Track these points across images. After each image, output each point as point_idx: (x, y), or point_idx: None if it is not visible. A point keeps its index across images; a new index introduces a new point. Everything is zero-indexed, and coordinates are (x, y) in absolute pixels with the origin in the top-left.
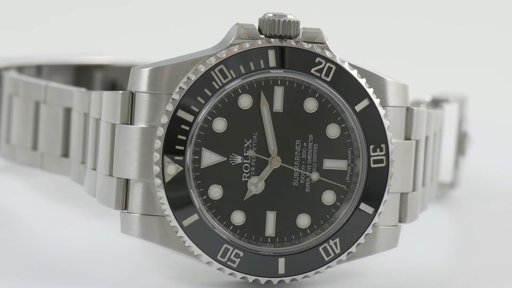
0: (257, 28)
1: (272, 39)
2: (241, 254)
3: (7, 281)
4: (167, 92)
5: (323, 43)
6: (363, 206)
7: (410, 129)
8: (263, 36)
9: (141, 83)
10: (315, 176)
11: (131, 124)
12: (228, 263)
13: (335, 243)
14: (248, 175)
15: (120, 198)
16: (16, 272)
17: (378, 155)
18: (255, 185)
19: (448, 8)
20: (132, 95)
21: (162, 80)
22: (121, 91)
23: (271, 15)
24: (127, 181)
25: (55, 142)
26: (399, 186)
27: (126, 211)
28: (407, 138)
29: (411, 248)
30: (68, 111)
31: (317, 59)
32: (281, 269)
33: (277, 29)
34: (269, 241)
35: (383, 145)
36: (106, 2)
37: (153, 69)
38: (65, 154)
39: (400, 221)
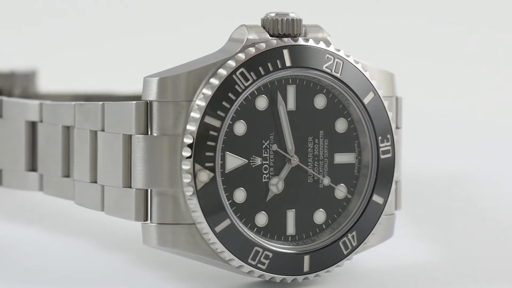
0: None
1: (285, 39)
2: (270, 255)
3: None
4: (186, 99)
5: (326, 39)
6: (376, 198)
7: (400, 118)
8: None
9: (158, 91)
10: (326, 181)
11: (149, 134)
12: (258, 265)
13: (353, 236)
14: (268, 175)
15: (141, 209)
16: None
17: (385, 146)
18: (276, 186)
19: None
20: (148, 105)
21: (180, 87)
22: (134, 102)
23: (273, 14)
24: (146, 191)
25: (16, 157)
26: (396, 174)
27: (149, 222)
28: (398, 127)
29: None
30: (32, 125)
31: (327, 56)
32: (306, 267)
33: (282, 28)
34: (290, 239)
35: (389, 136)
36: None
37: (169, 77)
38: (32, 168)
39: (395, 209)
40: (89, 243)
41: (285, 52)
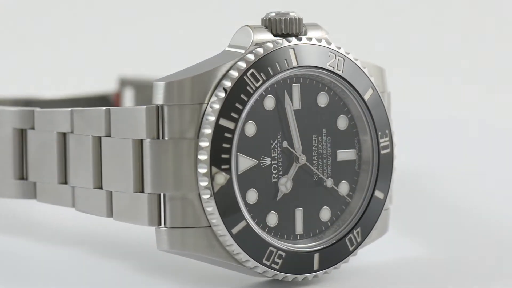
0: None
1: (290, 38)
2: (283, 255)
3: None
4: (198, 102)
5: (326, 37)
6: (377, 193)
7: (389, 113)
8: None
9: (168, 96)
10: (329, 183)
11: (161, 138)
12: (272, 265)
13: (358, 232)
14: (277, 175)
15: (154, 214)
16: None
17: (384, 141)
18: (285, 185)
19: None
20: (159, 109)
21: (191, 90)
22: (145, 106)
23: (273, 14)
24: (159, 196)
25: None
26: None
27: (162, 226)
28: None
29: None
30: (21, 132)
31: (329, 54)
32: (316, 265)
33: (285, 27)
34: (298, 238)
35: (387, 131)
36: None
37: (179, 81)
38: (21, 177)
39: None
40: (88, 251)
41: (291, 52)
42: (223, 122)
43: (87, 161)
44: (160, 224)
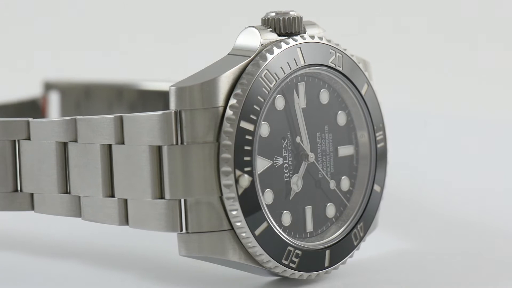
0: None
1: (295, 37)
2: (300, 253)
3: None
4: (216, 105)
5: (324, 34)
6: (375, 187)
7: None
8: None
9: (186, 100)
10: (332, 184)
11: (179, 143)
12: (290, 264)
13: (361, 227)
14: (288, 174)
15: (176, 219)
16: None
17: (380, 135)
18: (296, 184)
19: None
20: (176, 114)
21: (208, 94)
22: (161, 112)
23: (273, 14)
24: (179, 201)
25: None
26: None
27: (184, 232)
28: None
29: None
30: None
31: (330, 51)
32: (327, 261)
33: (289, 27)
34: (308, 236)
35: (381, 125)
36: None
37: (196, 85)
38: (16, 189)
39: None
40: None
41: (298, 51)
42: (244, 124)
43: (96, 170)
44: (181, 229)
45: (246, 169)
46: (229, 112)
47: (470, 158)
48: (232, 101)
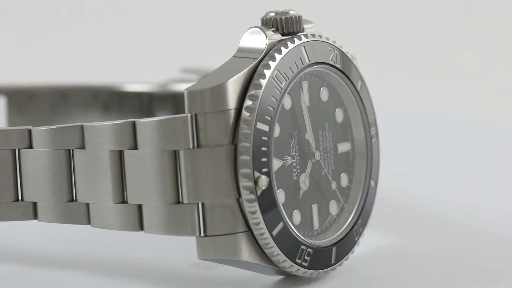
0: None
1: (299, 35)
2: (311, 252)
3: None
4: (231, 107)
5: (321, 32)
6: (371, 182)
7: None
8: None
9: (203, 103)
10: (334, 185)
11: (196, 147)
12: (303, 263)
13: (360, 223)
14: (296, 173)
15: (196, 223)
16: None
17: (373, 130)
18: (304, 182)
19: None
20: (192, 117)
21: (223, 96)
22: (177, 116)
23: (273, 14)
24: (197, 205)
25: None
26: None
27: (203, 235)
28: None
29: None
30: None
31: (329, 48)
32: (333, 258)
33: (291, 26)
34: (315, 234)
35: (373, 120)
36: None
37: (210, 88)
38: (17, 198)
39: None
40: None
41: (303, 49)
42: (260, 125)
43: (106, 176)
44: (200, 233)
45: (264, 170)
46: (245, 114)
47: (453, 157)
48: (248, 102)
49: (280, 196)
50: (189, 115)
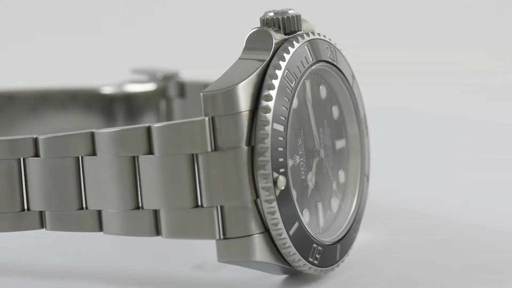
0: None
1: (302, 34)
2: (321, 250)
3: None
4: (246, 109)
5: (317, 31)
6: (365, 178)
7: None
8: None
9: (219, 106)
10: (334, 179)
11: (214, 150)
12: (314, 261)
13: (357, 219)
14: (303, 172)
15: (215, 226)
16: None
17: (364, 126)
18: (311, 181)
19: None
20: (209, 120)
21: (239, 98)
22: (194, 119)
23: (272, 14)
24: (216, 208)
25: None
26: None
27: (223, 238)
28: None
29: None
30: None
31: (327, 46)
32: (338, 255)
33: (293, 25)
34: (321, 231)
35: (364, 116)
36: None
37: (228, 90)
38: (23, 208)
39: None
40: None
41: (307, 48)
42: (276, 126)
43: (121, 182)
44: (220, 236)
45: (281, 170)
46: (261, 115)
47: (438, 156)
48: (263, 103)
49: (294, 195)
50: (206, 118)
